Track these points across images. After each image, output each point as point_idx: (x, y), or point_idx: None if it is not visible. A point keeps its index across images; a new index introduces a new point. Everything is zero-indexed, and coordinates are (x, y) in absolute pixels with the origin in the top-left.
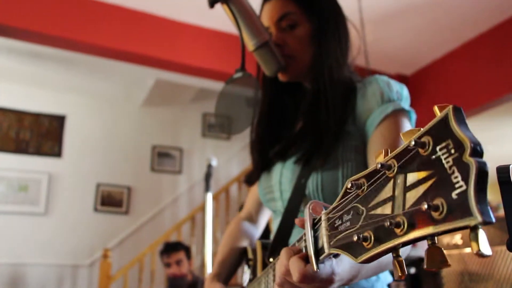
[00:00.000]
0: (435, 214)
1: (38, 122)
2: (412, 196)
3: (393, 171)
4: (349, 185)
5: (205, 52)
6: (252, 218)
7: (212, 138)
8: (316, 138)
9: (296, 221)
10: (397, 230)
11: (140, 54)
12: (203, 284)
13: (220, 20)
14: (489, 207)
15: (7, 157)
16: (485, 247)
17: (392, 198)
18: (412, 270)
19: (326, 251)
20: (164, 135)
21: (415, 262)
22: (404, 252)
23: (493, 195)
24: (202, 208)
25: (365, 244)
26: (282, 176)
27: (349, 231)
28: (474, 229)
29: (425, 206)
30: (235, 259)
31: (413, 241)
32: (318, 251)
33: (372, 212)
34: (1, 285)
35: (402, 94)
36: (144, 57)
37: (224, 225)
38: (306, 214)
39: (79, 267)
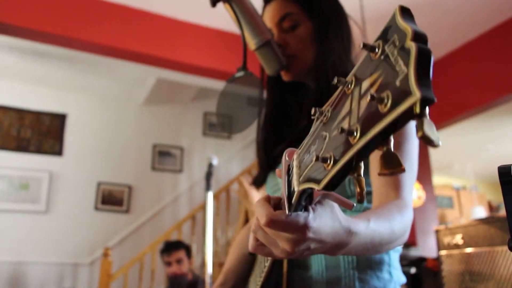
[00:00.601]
0: (381, 107)
1: (39, 121)
2: (364, 102)
3: (351, 85)
4: (312, 112)
5: (206, 51)
6: None
7: (213, 137)
8: None
9: (276, 171)
10: (351, 139)
11: (141, 53)
12: (203, 283)
13: (222, 19)
14: (431, 86)
15: (8, 155)
16: (430, 131)
17: (349, 112)
18: (413, 270)
19: (296, 188)
20: (165, 134)
21: (415, 262)
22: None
23: (495, 195)
24: (203, 207)
25: (325, 165)
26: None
27: (313, 160)
28: (420, 118)
29: (368, 98)
30: (243, 268)
31: (369, 148)
32: (291, 194)
33: (334, 134)
34: (2, 283)
35: None
36: (145, 55)
37: (225, 224)
38: (283, 161)
39: (79, 265)
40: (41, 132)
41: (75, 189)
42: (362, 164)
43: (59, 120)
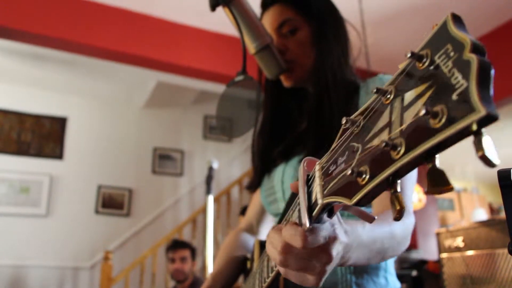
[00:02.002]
0: (433, 123)
1: (40, 124)
2: (410, 114)
3: (390, 95)
4: (343, 121)
5: (206, 55)
6: (253, 229)
7: (213, 140)
8: (321, 137)
9: (291, 185)
10: (394, 154)
11: (142, 56)
12: None
13: (222, 22)
14: (493, 103)
15: (8, 158)
16: (490, 151)
17: (389, 124)
18: (414, 273)
19: (319, 201)
20: (165, 137)
21: (417, 264)
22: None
23: (496, 197)
24: (203, 210)
25: (359, 180)
26: (285, 174)
27: (343, 173)
28: (477, 135)
29: (422, 112)
30: (231, 271)
31: (412, 165)
32: (311, 207)
33: (368, 146)
34: (2, 287)
35: None
36: (145, 59)
37: (226, 227)
38: (300, 171)
39: (80, 269)
40: (41, 136)
41: (76, 192)
42: (399, 181)
43: (59, 123)
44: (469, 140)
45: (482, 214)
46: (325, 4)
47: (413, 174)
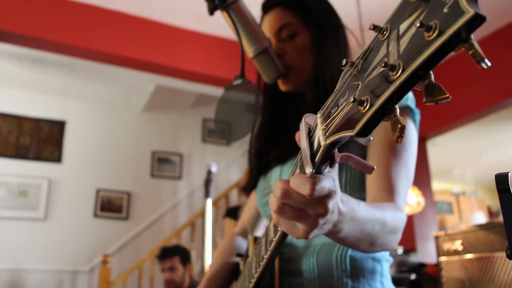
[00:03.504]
0: (428, 35)
1: (38, 127)
2: (406, 38)
3: (386, 31)
4: (343, 63)
5: (205, 58)
6: (247, 234)
7: (212, 144)
8: None
9: (295, 136)
10: (392, 74)
11: (140, 60)
12: None
13: (220, 26)
14: (479, 7)
15: (7, 162)
16: (480, 50)
17: (387, 55)
18: (413, 276)
19: (322, 143)
20: (164, 140)
21: (415, 268)
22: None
23: (495, 200)
24: (202, 214)
25: (361, 108)
26: (282, 174)
27: (345, 108)
28: (467, 41)
29: (417, 25)
30: (226, 275)
31: (410, 82)
32: (314, 154)
33: (368, 78)
34: None
35: (408, 95)
36: (144, 62)
37: (224, 231)
38: (302, 124)
39: (78, 273)
40: (40, 139)
41: (74, 196)
42: (397, 106)
43: (58, 127)
44: (468, 145)
45: (481, 217)
46: (325, 10)
47: (409, 177)
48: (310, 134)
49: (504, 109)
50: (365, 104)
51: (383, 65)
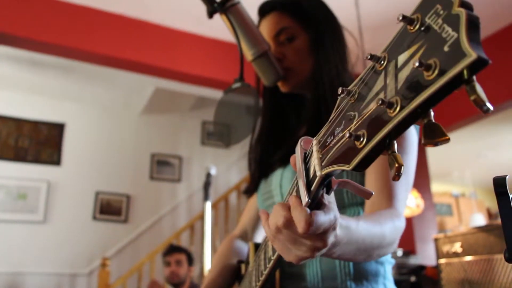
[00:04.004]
0: (427, 75)
1: (37, 130)
2: (404, 73)
3: (383, 61)
4: (339, 91)
5: (204, 61)
6: (247, 236)
7: (212, 146)
8: None
9: (290, 160)
10: (390, 112)
11: (140, 62)
12: None
13: (219, 28)
14: (482, 49)
15: (5, 165)
16: (482, 95)
17: (384, 87)
18: (412, 278)
19: (318, 173)
20: (163, 143)
21: (415, 270)
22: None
23: (494, 202)
24: (201, 217)
25: (357, 144)
26: (283, 178)
27: (341, 140)
28: (469, 83)
29: (416, 64)
30: (226, 279)
31: (408, 121)
32: (310, 183)
33: (365, 111)
34: None
35: None
36: (143, 65)
37: (223, 233)
38: (297, 149)
39: (77, 276)
40: (39, 142)
41: (73, 198)
42: (395, 142)
43: (57, 129)
44: (467, 147)
45: (481, 219)
46: (322, 12)
47: (409, 181)
48: (306, 160)
49: (502, 111)
50: (361, 140)
51: (380, 102)
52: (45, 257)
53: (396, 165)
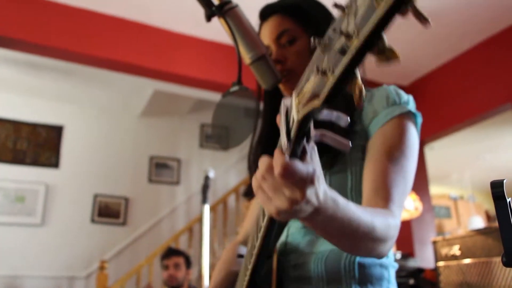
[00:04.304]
0: (377, 3)
1: (36, 132)
2: (361, 11)
3: (347, 8)
4: (312, 41)
5: (203, 63)
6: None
7: (210, 149)
8: (322, 146)
9: (276, 119)
10: (349, 42)
11: (138, 65)
12: None
13: (218, 31)
14: None
15: (4, 167)
16: (423, 12)
17: (347, 26)
18: (411, 281)
19: (295, 118)
20: (162, 145)
21: (413, 273)
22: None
23: (493, 205)
24: (200, 219)
25: (325, 78)
26: None
27: (313, 81)
28: (411, 5)
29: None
30: (230, 286)
31: (366, 48)
32: (289, 130)
33: (331, 50)
34: None
35: (409, 100)
36: (142, 68)
37: (222, 236)
38: (281, 105)
39: (75, 279)
40: (37, 144)
41: (72, 201)
42: (358, 72)
43: (55, 132)
44: (465, 149)
45: (479, 222)
46: (322, 14)
47: (407, 184)
48: (288, 113)
49: (499, 114)
50: (327, 74)
51: (340, 34)
52: (43, 260)
53: (357, 91)
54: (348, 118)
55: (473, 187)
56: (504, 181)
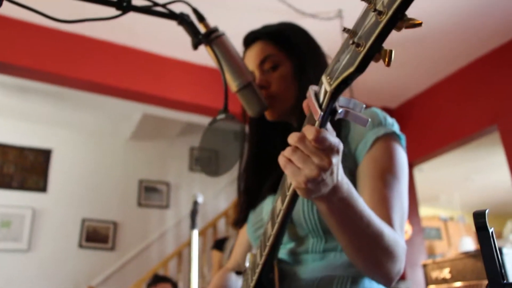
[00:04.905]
0: (380, 18)
1: (23, 156)
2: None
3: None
4: (343, 29)
5: (192, 87)
6: (240, 269)
7: (200, 172)
8: None
9: (303, 104)
10: (380, 17)
11: (127, 89)
12: None
13: (206, 55)
14: None
15: None
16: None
17: (374, 10)
18: None
19: (328, 89)
20: (151, 169)
21: None
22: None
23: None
24: (189, 244)
25: (358, 49)
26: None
27: (347, 55)
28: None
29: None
30: None
31: (394, 20)
32: (321, 104)
33: (363, 28)
34: None
35: (393, 122)
36: (131, 91)
37: (211, 262)
38: (309, 91)
39: None
40: (24, 168)
41: (59, 226)
42: (383, 46)
43: (43, 155)
44: (454, 171)
45: (470, 243)
46: (304, 40)
47: (404, 207)
48: (317, 96)
49: (487, 135)
50: (361, 45)
51: (375, 11)
52: (29, 287)
53: (388, 51)
54: (364, 105)
55: (463, 208)
56: (487, 211)
